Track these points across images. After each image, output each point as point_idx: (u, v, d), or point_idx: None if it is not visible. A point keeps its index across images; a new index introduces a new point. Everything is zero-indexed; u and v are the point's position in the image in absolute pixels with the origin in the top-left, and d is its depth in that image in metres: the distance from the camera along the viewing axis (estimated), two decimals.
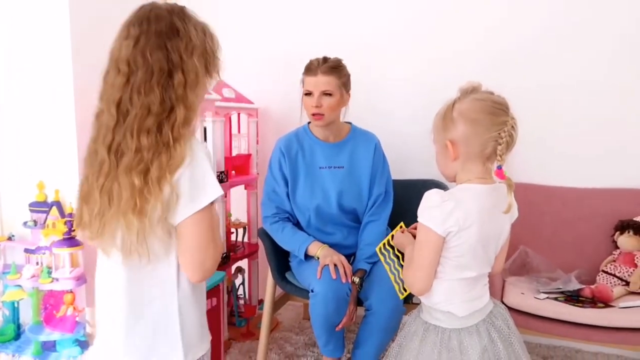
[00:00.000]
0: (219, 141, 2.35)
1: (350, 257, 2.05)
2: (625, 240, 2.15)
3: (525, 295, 2.03)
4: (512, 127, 1.18)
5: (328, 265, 1.83)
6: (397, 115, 2.62)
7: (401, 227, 1.49)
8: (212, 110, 2.22)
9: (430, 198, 1.22)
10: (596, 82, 2.33)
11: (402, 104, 2.63)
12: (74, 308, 2.18)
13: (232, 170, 2.59)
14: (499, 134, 1.17)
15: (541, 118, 2.36)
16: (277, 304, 2.36)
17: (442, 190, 1.22)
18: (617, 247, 2.20)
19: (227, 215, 2.57)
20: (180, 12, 1.08)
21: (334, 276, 1.80)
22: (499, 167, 1.19)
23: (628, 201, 2.25)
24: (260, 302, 2.75)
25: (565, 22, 2.35)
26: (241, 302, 2.65)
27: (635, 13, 2.26)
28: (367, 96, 2.54)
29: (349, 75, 2.03)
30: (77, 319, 2.19)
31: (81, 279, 2.20)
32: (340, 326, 1.83)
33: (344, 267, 1.83)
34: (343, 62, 2.01)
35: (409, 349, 1.29)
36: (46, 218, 2.31)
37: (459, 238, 1.19)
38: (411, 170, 2.55)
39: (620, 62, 2.30)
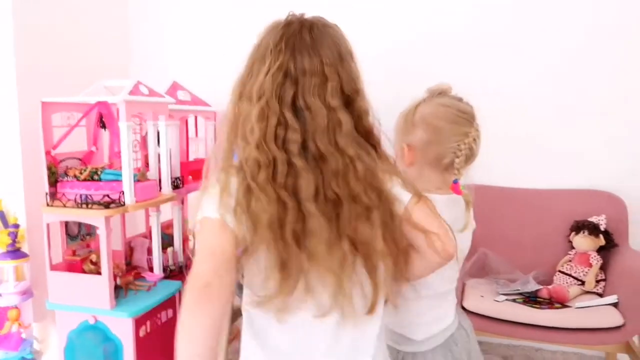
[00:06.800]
0: (174, 146, 2.26)
1: None
2: (581, 241, 2.18)
3: (484, 297, 2.04)
4: (474, 139, 1.10)
5: None
6: None
7: None
8: (166, 113, 2.14)
9: None
10: (553, 86, 2.36)
11: None
12: (20, 324, 2.07)
13: (189, 175, 2.52)
14: (459, 145, 1.09)
15: (499, 120, 2.36)
16: (236, 313, 2.29)
17: None
18: (572, 247, 2.23)
19: (184, 222, 2.49)
20: None
21: None
22: (455, 182, 1.10)
23: (583, 202, 2.29)
24: None
25: (526, 20, 2.36)
26: None
27: (591, 18, 2.30)
28: None
29: None
30: (22, 335, 2.09)
31: (27, 293, 2.09)
32: None
33: None
34: None
35: None
36: None
37: None
38: None
39: (578, 67, 2.33)
